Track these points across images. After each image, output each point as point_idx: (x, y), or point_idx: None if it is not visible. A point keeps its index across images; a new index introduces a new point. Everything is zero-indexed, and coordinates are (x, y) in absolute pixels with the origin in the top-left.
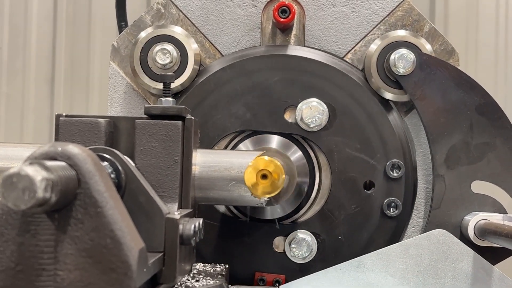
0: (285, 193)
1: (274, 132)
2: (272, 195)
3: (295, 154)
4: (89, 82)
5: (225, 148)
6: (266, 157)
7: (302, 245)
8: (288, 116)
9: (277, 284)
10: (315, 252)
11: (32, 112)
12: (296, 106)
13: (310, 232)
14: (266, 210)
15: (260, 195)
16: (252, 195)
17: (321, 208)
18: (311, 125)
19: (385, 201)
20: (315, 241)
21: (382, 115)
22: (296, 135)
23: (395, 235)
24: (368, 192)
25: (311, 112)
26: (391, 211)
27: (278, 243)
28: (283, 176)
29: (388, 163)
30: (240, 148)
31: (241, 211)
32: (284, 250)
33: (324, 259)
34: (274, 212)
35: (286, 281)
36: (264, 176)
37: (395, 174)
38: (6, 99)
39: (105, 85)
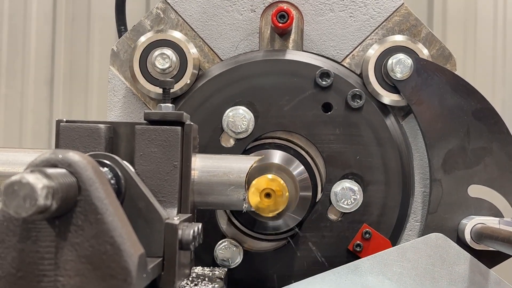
0: (288, 208)
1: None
2: (277, 212)
3: (298, 168)
4: (88, 84)
5: None
6: (269, 176)
7: (346, 193)
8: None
9: (367, 235)
10: (359, 186)
11: (31, 114)
12: None
13: (340, 180)
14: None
15: (266, 214)
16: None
17: (323, 159)
18: (242, 130)
19: (345, 99)
20: (350, 180)
21: (277, 53)
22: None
23: (386, 114)
24: (330, 112)
25: (236, 120)
26: (356, 102)
27: (331, 212)
28: (287, 193)
29: (316, 78)
30: None
31: (245, 225)
32: (341, 212)
33: (370, 181)
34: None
35: (372, 226)
36: (267, 195)
37: (324, 83)
38: (5, 100)
39: (104, 87)
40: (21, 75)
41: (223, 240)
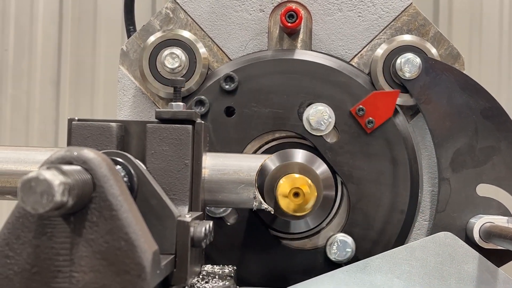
0: (311, 209)
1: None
2: (296, 214)
3: (320, 167)
4: (94, 84)
5: None
6: (297, 175)
7: (318, 117)
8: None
9: (360, 112)
10: (313, 102)
11: (37, 114)
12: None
13: (300, 119)
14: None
15: (286, 210)
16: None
17: (273, 125)
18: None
19: (219, 87)
20: (304, 109)
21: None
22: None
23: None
24: (235, 112)
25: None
26: (229, 84)
27: (329, 137)
28: (314, 200)
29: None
30: (267, 164)
31: (265, 222)
32: (333, 128)
33: (317, 93)
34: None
35: (352, 105)
36: (296, 194)
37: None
38: (12, 101)
39: (110, 87)
40: (28, 75)
41: (332, 237)
